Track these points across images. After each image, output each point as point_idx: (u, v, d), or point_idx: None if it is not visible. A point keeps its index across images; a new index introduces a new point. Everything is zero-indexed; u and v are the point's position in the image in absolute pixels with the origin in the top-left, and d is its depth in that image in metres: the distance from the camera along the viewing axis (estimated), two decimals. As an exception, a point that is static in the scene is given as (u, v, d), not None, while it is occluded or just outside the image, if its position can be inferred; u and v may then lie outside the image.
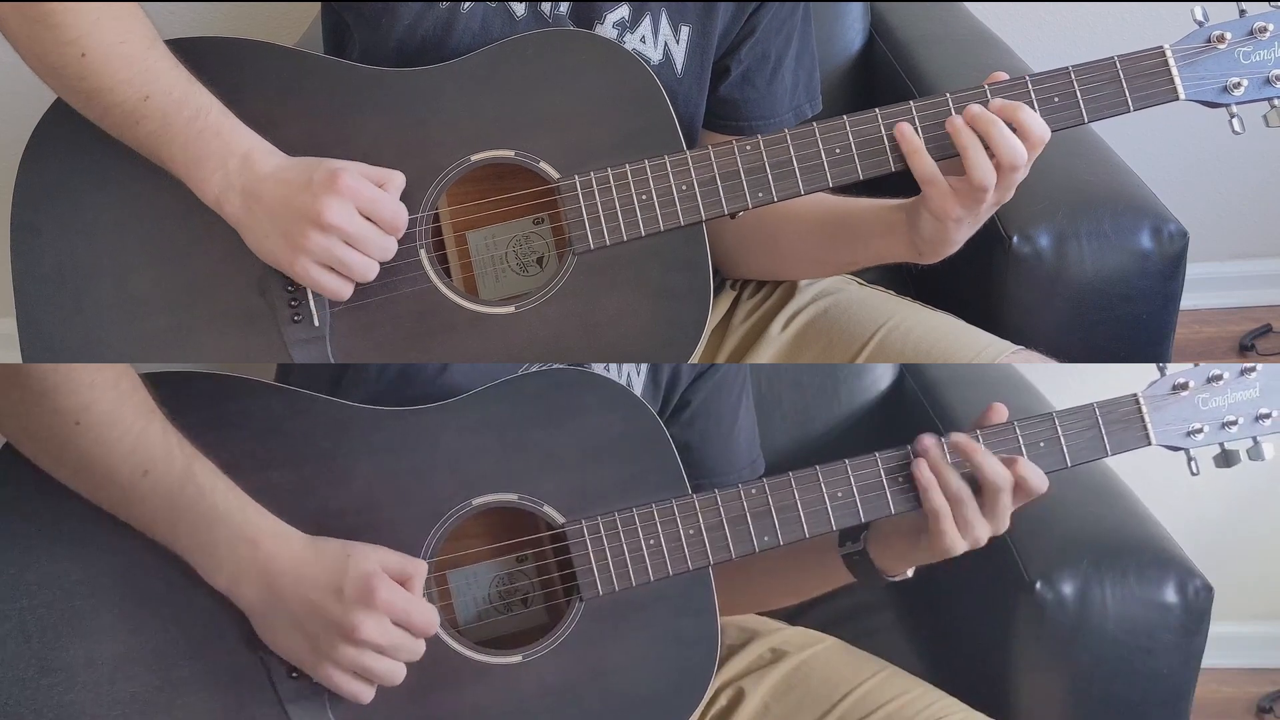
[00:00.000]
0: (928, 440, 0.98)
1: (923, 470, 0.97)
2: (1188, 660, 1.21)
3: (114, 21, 0.95)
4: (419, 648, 0.91)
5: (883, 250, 1.15)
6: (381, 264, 0.99)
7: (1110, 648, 1.19)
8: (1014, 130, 0.99)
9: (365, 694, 0.91)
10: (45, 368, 0.86)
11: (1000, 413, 1.01)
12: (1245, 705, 1.91)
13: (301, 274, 0.98)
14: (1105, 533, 1.24)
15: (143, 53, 0.95)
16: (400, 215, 0.99)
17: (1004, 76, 1.02)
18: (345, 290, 0.99)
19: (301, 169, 0.98)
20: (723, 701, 1.13)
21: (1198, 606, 1.18)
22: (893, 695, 1.09)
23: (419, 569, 0.92)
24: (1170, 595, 1.18)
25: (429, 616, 0.91)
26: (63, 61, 0.94)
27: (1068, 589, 1.18)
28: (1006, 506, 0.98)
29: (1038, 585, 1.18)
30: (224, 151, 0.97)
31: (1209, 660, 1.23)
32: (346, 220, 0.96)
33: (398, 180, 1.00)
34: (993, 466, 0.96)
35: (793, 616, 1.26)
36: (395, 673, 0.91)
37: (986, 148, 0.99)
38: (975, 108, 1.00)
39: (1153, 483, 1.42)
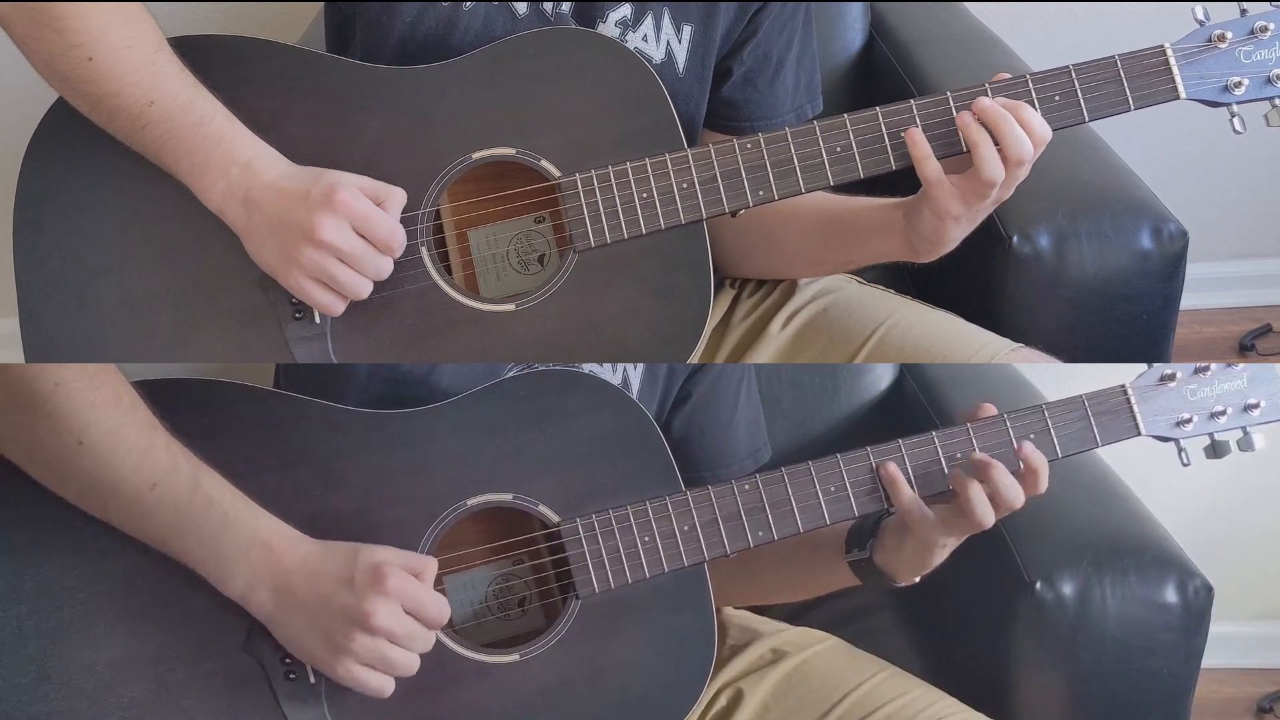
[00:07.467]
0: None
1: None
2: (1188, 660, 1.21)
3: (122, 26, 0.94)
4: (430, 638, 0.91)
5: (880, 249, 1.15)
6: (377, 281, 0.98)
7: (1110, 648, 1.19)
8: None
9: (386, 687, 0.91)
10: (44, 390, 0.85)
11: (990, 412, 1.01)
12: (1245, 705, 1.91)
13: (294, 287, 0.98)
14: (1105, 533, 1.24)
15: (149, 57, 0.95)
16: (396, 235, 0.98)
17: (1007, 77, 1.02)
18: (337, 306, 0.99)
19: (301, 180, 0.97)
20: (722, 702, 1.13)
21: (1198, 606, 1.18)
22: (893, 696, 1.09)
23: (429, 564, 0.92)
24: (1170, 595, 1.18)
25: (440, 604, 0.91)
26: (70, 66, 0.94)
27: (1068, 589, 1.18)
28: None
29: (1038, 585, 1.18)
30: (227, 159, 0.97)
31: (1209, 660, 1.23)
32: (340, 238, 0.96)
33: (398, 197, 0.99)
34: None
35: (794, 616, 1.26)
36: (411, 663, 0.91)
37: (996, 143, 1.00)
38: (985, 101, 1.00)
39: (1153, 483, 1.42)
